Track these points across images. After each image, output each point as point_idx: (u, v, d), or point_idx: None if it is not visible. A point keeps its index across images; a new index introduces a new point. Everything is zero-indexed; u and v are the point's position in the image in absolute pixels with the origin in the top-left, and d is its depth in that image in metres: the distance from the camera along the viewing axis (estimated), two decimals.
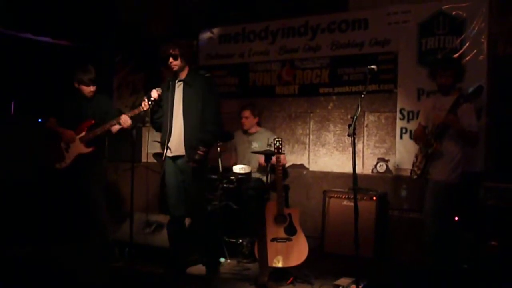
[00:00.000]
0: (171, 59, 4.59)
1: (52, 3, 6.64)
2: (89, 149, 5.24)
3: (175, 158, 4.67)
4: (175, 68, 4.64)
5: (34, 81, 6.85)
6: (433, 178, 4.58)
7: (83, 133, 5.24)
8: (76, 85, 5.27)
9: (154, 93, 4.70)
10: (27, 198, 6.11)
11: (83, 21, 7.07)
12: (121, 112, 5.29)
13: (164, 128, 4.71)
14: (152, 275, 4.82)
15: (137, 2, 7.61)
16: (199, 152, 4.53)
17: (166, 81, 4.81)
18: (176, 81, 4.71)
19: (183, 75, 4.70)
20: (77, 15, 6.96)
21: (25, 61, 6.78)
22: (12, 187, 6.06)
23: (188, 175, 4.61)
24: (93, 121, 5.25)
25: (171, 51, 4.58)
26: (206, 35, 7.11)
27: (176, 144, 4.63)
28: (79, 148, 5.24)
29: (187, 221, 4.97)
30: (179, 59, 4.61)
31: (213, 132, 4.70)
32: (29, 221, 5.94)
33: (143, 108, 4.77)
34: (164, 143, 4.68)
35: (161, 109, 4.77)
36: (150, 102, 4.68)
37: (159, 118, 4.80)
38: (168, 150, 4.67)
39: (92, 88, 5.28)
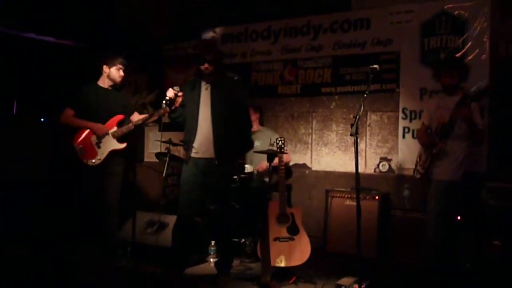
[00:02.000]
0: (206, 65, 4.55)
1: (55, 3, 6.65)
2: (123, 146, 5.05)
3: (199, 159, 4.61)
4: (209, 72, 4.59)
5: (37, 81, 6.86)
6: (436, 178, 4.58)
7: (115, 128, 5.05)
8: (106, 72, 5.08)
9: (170, 92, 4.60)
10: (30, 198, 6.11)
11: (86, 21, 7.09)
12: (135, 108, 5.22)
13: (188, 128, 4.66)
14: (155, 274, 4.82)
15: (139, 2, 7.63)
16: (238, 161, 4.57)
17: (191, 80, 4.78)
18: (203, 82, 4.67)
19: (211, 77, 4.64)
20: (80, 15, 6.98)
21: (28, 61, 6.79)
22: (14, 187, 6.07)
23: (217, 177, 4.59)
24: (122, 116, 5.09)
25: (207, 57, 4.54)
26: (208, 35, 7.11)
27: (204, 146, 4.58)
28: (112, 144, 5.02)
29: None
30: (213, 64, 4.57)
31: (249, 139, 4.81)
32: (31, 221, 5.94)
33: (162, 112, 4.74)
34: (188, 142, 4.64)
35: (180, 108, 4.70)
36: (165, 102, 4.59)
37: (178, 117, 4.73)
38: (193, 150, 4.61)
39: (122, 73, 5.12)
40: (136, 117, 5.21)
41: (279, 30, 6.64)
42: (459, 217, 4.83)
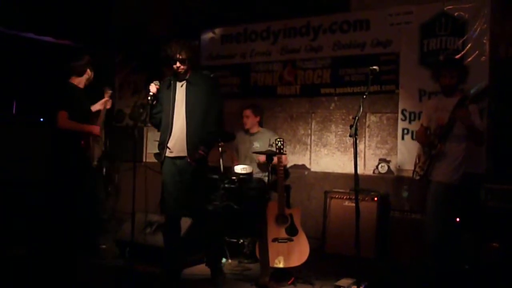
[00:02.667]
0: (178, 64, 4.53)
1: (54, 3, 6.65)
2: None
3: (175, 158, 4.59)
4: (182, 71, 4.58)
5: (36, 81, 6.85)
6: (435, 180, 4.57)
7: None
8: (88, 74, 5.19)
9: (153, 88, 4.60)
10: (30, 197, 6.10)
11: (85, 21, 7.09)
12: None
13: (163, 128, 4.63)
14: (153, 275, 4.82)
15: (138, 2, 7.63)
16: (200, 151, 4.50)
17: (166, 79, 4.73)
18: (178, 81, 4.64)
19: (186, 74, 4.62)
20: (79, 15, 6.97)
21: (27, 61, 6.79)
22: (13, 187, 6.06)
23: (189, 175, 4.55)
24: (95, 115, 5.21)
25: (178, 56, 4.51)
26: (208, 35, 7.12)
27: (178, 144, 4.55)
28: (98, 143, 5.23)
29: (185, 222, 4.96)
30: (186, 63, 4.56)
31: (215, 132, 4.68)
32: (31, 221, 5.93)
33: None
34: (163, 142, 4.61)
35: (160, 104, 4.67)
36: (150, 98, 4.58)
37: (157, 114, 4.70)
38: (168, 150, 4.59)
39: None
40: (94, 108, 5.36)
41: (279, 31, 6.64)
42: (458, 219, 4.84)
